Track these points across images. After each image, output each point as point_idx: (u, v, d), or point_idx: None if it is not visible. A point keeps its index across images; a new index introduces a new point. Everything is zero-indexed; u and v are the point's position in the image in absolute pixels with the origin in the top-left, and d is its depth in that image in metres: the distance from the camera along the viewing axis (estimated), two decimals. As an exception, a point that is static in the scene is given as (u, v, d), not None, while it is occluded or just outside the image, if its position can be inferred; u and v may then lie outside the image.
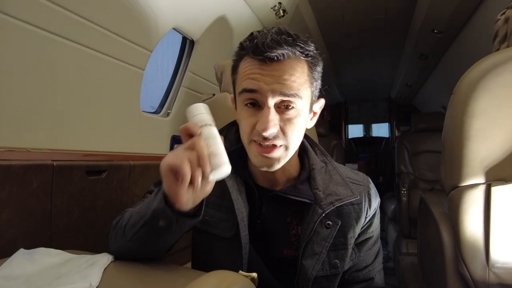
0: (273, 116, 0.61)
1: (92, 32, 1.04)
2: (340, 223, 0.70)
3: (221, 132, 0.80)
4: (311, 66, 0.65)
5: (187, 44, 1.64)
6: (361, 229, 0.74)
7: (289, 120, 0.63)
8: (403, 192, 2.79)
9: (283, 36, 0.61)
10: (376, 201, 0.77)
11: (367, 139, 6.10)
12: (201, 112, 0.58)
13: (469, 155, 0.80)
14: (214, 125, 0.58)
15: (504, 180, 0.79)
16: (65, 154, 1.04)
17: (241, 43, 0.66)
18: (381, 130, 6.16)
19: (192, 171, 0.51)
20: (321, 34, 2.70)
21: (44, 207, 0.93)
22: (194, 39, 1.58)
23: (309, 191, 0.71)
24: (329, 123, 4.10)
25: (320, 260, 0.69)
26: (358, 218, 0.73)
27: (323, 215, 0.69)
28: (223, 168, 0.55)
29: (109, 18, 1.08)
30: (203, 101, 1.47)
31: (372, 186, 0.78)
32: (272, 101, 0.61)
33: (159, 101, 1.65)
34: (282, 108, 0.63)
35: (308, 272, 0.69)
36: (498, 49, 0.92)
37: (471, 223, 0.80)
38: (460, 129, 0.81)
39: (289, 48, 0.61)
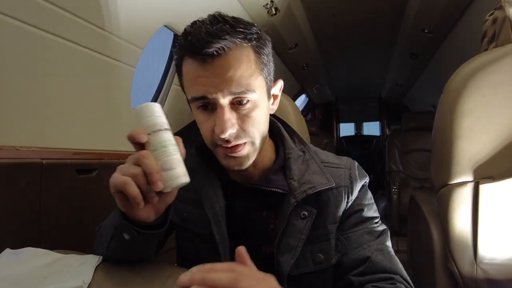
0: (228, 115, 0.57)
1: (81, 29, 1.02)
2: (316, 212, 0.65)
3: (190, 128, 0.74)
4: (258, 51, 0.59)
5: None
6: (343, 211, 0.68)
7: (246, 115, 0.59)
8: (393, 190, 2.83)
9: (219, 25, 0.55)
10: (359, 183, 0.70)
11: (358, 138, 6.14)
12: (150, 115, 0.49)
13: (458, 153, 0.82)
14: (167, 129, 0.50)
15: (491, 178, 0.80)
16: (54, 153, 1.02)
17: (177, 41, 0.60)
18: (372, 128, 6.21)
19: (142, 190, 0.47)
20: (313, 33, 2.71)
21: (32, 207, 0.92)
22: (186, 37, 1.57)
23: (283, 181, 0.67)
24: (320, 122, 4.12)
25: (297, 254, 0.64)
26: (337, 204, 0.67)
27: (296, 204, 0.64)
28: (179, 181, 0.49)
29: (99, 15, 1.06)
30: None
31: (355, 168, 0.72)
32: (224, 101, 0.57)
33: (150, 99, 1.64)
34: (236, 104, 0.58)
35: (283, 268, 0.64)
36: (486, 49, 0.93)
37: (460, 220, 0.81)
38: (449, 128, 0.83)
39: (228, 37, 0.54)
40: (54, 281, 0.55)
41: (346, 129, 6.26)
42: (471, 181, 0.81)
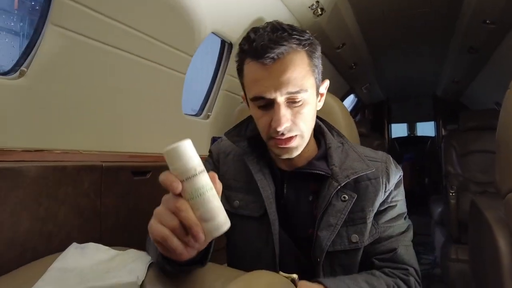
0: (284, 112, 0.65)
1: (136, 39, 1.09)
2: (356, 196, 0.72)
3: (241, 124, 0.84)
4: (310, 55, 0.68)
5: (225, 47, 1.66)
6: (380, 203, 0.75)
7: (298, 112, 0.67)
8: (451, 194, 2.63)
9: (279, 33, 0.63)
10: (395, 176, 0.77)
11: (412, 139, 5.82)
12: (183, 159, 0.45)
13: (529, 155, 0.74)
14: (202, 171, 0.46)
15: None
16: (112, 156, 1.09)
17: (240, 46, 0.68)
18: (426, 129, 5.85)
19: (182, 241, 0.46)
20: (361, 32, 2.62)
21: (94, 206, 0.99)
22: (233, 42, 1.61)
23: (326, 167, 0.75)
24: (371, 123, 3.97)
25: (335, 232, 0.71)
26: (376, 192, 0.74)
27: (339, 187, 0.71)
28: (220, 231, 0.46)
29: (152, 26, 1.12)
30: (241, 103, 1.49)
31: (390, 162, 0.78)
32: (281, 99, 0.65)
33: (200, 104, 1.70)
34: (290, 102, 0.67)
35: (323, 243, 0.70)
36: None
37: (532, 229, 0.73)
38: (517, 127, 0.75)
39: (286, 43, 0.63)
40: (112, 276, 0.59)
41: (399, 129, 5.96)
42: (545, 186, 0.73)
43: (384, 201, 0.75)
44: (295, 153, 0.71)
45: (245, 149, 0.79)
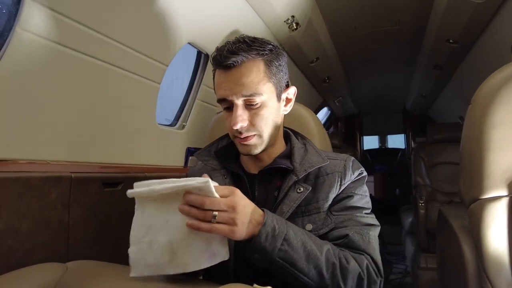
0: (240, 112, 0.74)
1: (110, 47, 1.07)
2: (310, 189, 0.78)
3: (212, 144, 0.91)
4: (268, 63, 0.76)
5: (202, 58, 1.66)
6: (336, 195, 0.80)
7: (255, 113, 0.76)
8: (420, 204, 2.72)
9: (238, 45, 0.73)
10: (353, 172, 0.81)
11: (383, 151, 6.00)
12: None
13: (490, 166, 0.78)
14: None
15: (527, 192, 0.76)
16: (82, 166, 1.06)
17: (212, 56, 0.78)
18: (397, 141, 6.06)
19: None
20: (334, 47, 2.70)
21: (61, 219, 0.95)
22: (209, 53, 1.61)
23: (289, 163, 0.81)
24: (344, 135, 4.06)
25: (285, 218, 0.74)
26: (331, 185, 0.79)
27: (296, 180, 0.78)
28: None
29: (126, 34, 1.11)
30: (217, 114, 1.48)
31: (350, 161, 0.84)
32: (238, 101, 0.74)
33: (175, 114, 1.68)
34: (248, 104, 0.75)
35: None
36: (517, 58, 0.90)
37: (495, 237, 0.77)
38: (479, 139, 0.80)
39: (243, 53, 0.72)
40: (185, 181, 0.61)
41: (370, 142, 6.14)
42: (506, 196, 0.77)
43: (340, 193, 0.80)
44: (254, 151, 0.79)
45: (213, 166, 0.86)
